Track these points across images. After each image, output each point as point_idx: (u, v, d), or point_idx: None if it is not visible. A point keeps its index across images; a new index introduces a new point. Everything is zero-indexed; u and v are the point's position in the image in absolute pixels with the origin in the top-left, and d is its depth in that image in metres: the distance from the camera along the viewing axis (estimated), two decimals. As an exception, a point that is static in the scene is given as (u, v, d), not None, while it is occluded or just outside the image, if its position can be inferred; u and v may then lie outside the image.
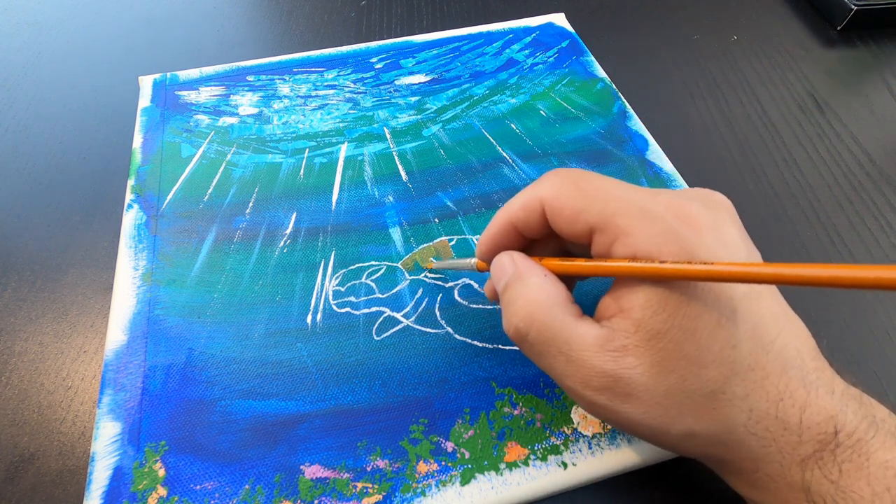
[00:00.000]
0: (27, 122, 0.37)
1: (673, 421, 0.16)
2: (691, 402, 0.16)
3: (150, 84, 0.37)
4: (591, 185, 0.18)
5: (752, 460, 0.16)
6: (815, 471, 0.16)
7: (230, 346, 0.25)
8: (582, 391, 0.17)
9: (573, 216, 0.18)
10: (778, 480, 0.16)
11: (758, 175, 0.33)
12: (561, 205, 0.18)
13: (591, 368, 0.17)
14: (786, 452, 0.16)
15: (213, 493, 0.21)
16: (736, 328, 0.16)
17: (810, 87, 0.37)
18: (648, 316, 0.16)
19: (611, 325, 0.17)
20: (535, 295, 0.18)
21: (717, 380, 0.16)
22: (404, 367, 0.24)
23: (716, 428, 0.16)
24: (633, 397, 0.16)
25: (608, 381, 0.16)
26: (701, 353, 0.16)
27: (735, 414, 0.16)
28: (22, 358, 0.26)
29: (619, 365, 0.16)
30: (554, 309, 0.18)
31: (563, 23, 0.41)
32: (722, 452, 0.17)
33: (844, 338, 0.26)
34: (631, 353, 0.16)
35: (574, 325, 0.17)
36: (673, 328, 0.16)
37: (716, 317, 0.16)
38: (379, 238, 0.29)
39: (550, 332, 0.17)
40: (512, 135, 0.34)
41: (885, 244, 0.29)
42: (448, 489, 0.21)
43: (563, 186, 0.18)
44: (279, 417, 0.23)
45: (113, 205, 0.32)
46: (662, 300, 0.16)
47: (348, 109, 0.35)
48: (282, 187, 0.31)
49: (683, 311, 0.16)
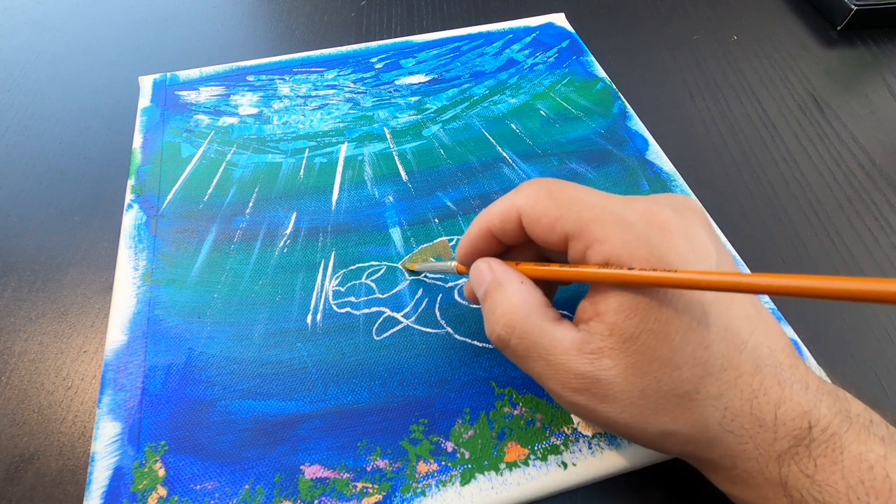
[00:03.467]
0: (27, 122, 0.37)
1: (649, 420, 0.17)
2: (666, 403, 0.17)
3: (150, 84, 0.37)
4: (566, 194, 0.18)
5: (730, 457, 0.17)
6: (791, 466, 0.16)
7: (230, 346, 0.25)
8: (562, 392, 0.18)
9: (549, 225, 0.18)
10: (756, 476, 0.16)
11: (758, 175, 0.33)
12: (538, 214, 0.19)
13: (570, 371, 0.17)
14: (762, 449, 0.16)
15: (213, 493, 0.21)
16: (708, 330, 0.17)
17: (810, 87, 0.37)
18: (621, 320, 0.17)
19: (588, 329, 0.18)
20: (513, 302, 0.19)
21: (690, 380, 0.16)
22: (404, 367, 0.24)
23: (692, 427, 0.17)
24: (610, 398, 0.17)
25: (586, 382, 0.17)
26: (674, 355, 0.16)
27: (710, 413, 0.17)
28: (22, 358, 0.26)
29: (595, 367, 0.17)
30: (531, 316, 0.18)
31: (563, 23, 0.41)
32: (700, 451, 0.17)
33: (844, 338, 0.26)
34: (606, 356, 0.17)
35: (552, 330, 0.18)
36: (645, 332, 0.16)
37: (687, 320, 0.16)
38: (379, 238, 0.29)
39: (530, 338, 0.18)
40: (512, 135, 0.34)
41: (885, 244, 0.29)
42: (448, 489, 0.21)
43: (538, 196, 0.19)
44: (279, 417, 0.23)
45: (113, 205, 0.32)
46: (633, 305, 0.17)
47: (348, 109, 0.35)
48: (282, 187, 0.31)
49: (654, 315, 0.16)
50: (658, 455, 0.22)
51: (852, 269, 0.28)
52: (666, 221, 0.18)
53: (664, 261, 0.16)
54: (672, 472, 0.22)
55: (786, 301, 0.19)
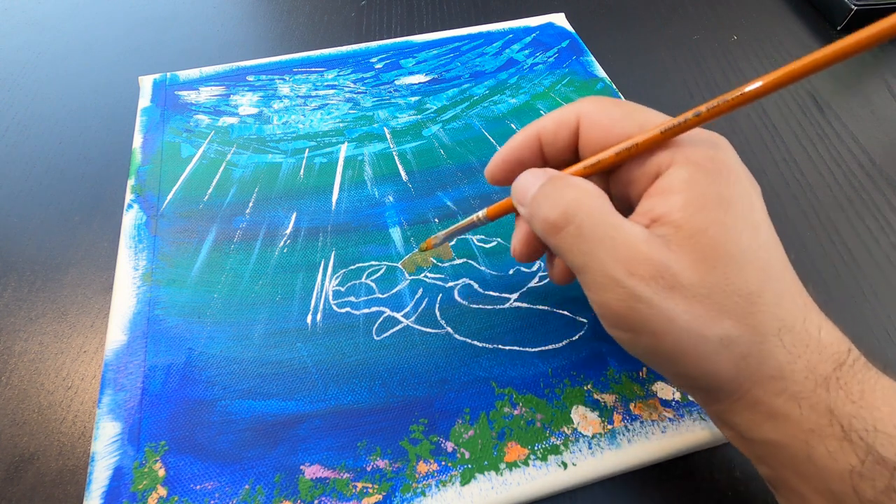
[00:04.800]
0: (27, 122, 0.37)
1: (713, 321, 0.16)
2: (731, 303, 0.16)
3: (150, 84, 0.37)
4: (626, 103, 0.19)
5: (780, 379, 0.16)
6: (837, 391, 0.16)
7: (230, 346, 0.25)
8: (626, 280, 0.16)
9: (611, 126, 0.18)
10: (802, 403, 0.16)
11: (758, 175, 0.32)
12: (601, 115, 0.19)
13: (640, 255, 0.16)
14: (810, 370, 0.16)
15: (213, 493, 0.21)
16: (770, 235, 0.17)
17: (810, 87, 0.37)
18: (690, 214, 0.16)
19: (654, 229, 0.17)
20: (582, 185, 0.18)
21: (755, 281, 0.16)
22: (404, 367, 0.24)
23: (751, 334, 0.16)
24: (678, 290, 0.16)
25: (656, 269, 0.16)
26: (741, 251, 0.16)
27: (769, 321, 0.16)
28: (22, 358, 0.26)
29: (667, 255, 0.16)
30: (602, 198, 0.18)
31: (563, 23, 0.41)
32: (752, 369, 0.16)
33: (844, 338, 0.26)
34: (677, 246, 0.16)
35: (621, 217, 0.17)
36: (713, 224, 0.16)
37: (751, 221, 0.17)
38: (379, 238, 0.29)
39: (599, 214, 0.17)
40: (512, 135, 0.33)
41: (885, 244, 0.29)
42: (448, 489, 0.21)
43: (603, 101, 0.19)
44: (279, 417, 0.23)
45: (113, 205, 0.32)
46: (703, 200, 0.16)
47: (348, 109, 0.35)
48: (282, 187, 0.31)
49: (725, 209, 0.16)
50: (658, 455, 0.22)
51: (852, 269, 0.28)
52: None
53: (725, 160, 0.17)
54: (672, 472, 0.22)
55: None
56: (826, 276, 0.28)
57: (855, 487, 0.15)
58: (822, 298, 0.18)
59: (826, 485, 0.15)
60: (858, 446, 0.15)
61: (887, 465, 0.14)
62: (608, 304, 0.17)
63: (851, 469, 0.15)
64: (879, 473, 0.14)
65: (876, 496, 0.14)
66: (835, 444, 0.15)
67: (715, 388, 0.17)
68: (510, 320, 0.26)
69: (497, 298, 0.27)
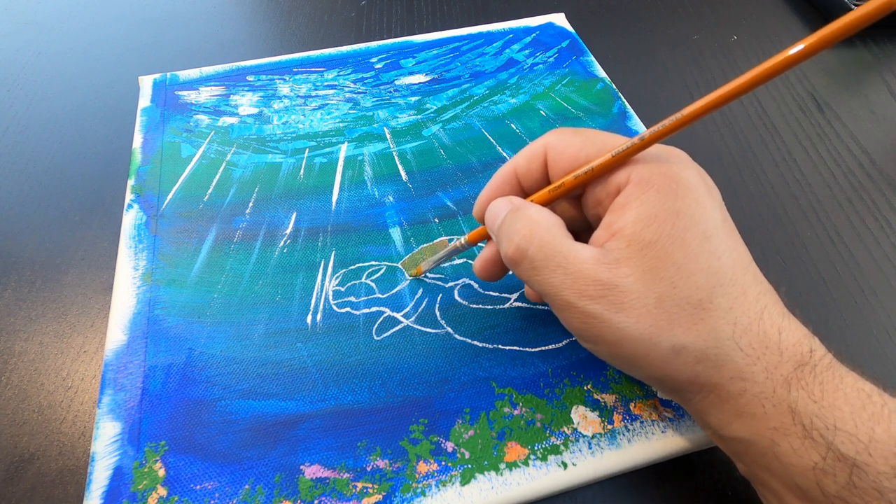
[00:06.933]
0: (27, 122, 0.37)
1: (662, 332, 0.17)
2: (681, 312, 0.17)
3: (150, 84, 0.37)
4: (587, 131, 0.21)
5: (740, 380, 0.17)
6: (798, 391, 0.16)
7: (230, 346, 0.25)
8: (578, 302, 0.18)
9: (575, 154, 0.20)
10: (765, 403, 0.16)
11: (758, 175, 0.33)
12: (564, 145, 0.20)
13: (588, 278, 0.18)
14: (770, 371, 0.16)
15: (213, 493, 0.21)
16: (720, 243, 0.18)
17: (810, 87, 0.37)
18: (640, 229, 0.17)
19: (605, 247, 0.18)
20: (535, 217, 0.19)
21: (704, 288, 0.17)
22: (404, 367, 0.24)
23: (704, 340, 0.17)
24: (627, 305, 0.17)
25: (603, 289, 0.17)
26: (689, 261, 0.17)
27: (722, 326, 0.17)
28: (22, 358, 0.26)
29: (613, 274, 0.17)
30: (553, 229, 0.19)
31: (563, 23, 0.41)
32: (709, 372, 0.17)
33: (844, 338, 0.26)
34: (625, 264, 0.17)
35: (571, 243, 0.19)
36: (662, 237, 0.17)
37: (702, 229, 0.17)
38: (379, 238, 0.29)
39: (550, 246, 0.18)
40: (512, 135, 0.34)
41: (885, 244, 0.29)
42: (448, 489, 0.21)
43: (564, 133, 0.21)
44: (279, 417, 0.23)
45: (113, 205, 0.32)
46: (653, 214, 0.17)
47: (348, 109, 0.35)
48: (282, 187, 0.31)
49: (672, 222, 0.17)
50: (658, 455, 0.22)
51: (852, 269, 0.28)
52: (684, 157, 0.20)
53: (677, 174, 0.18)
54: (672, 472, 0.22)
55: (787, 301, 0.19)
56: (826, 276, 0.28)
57: (819, 483, 0.15)
58: (822, 298, 0.18)
59: (793, 480, 0.16)
60: (820, 444, 0.15)
61: (847, 461, 0.15)
62: (568, 322, 0.19)
63: (814, 465, 0.16)
64: (840, 470, 0.15)
65: (838, 491, 0.15)
66: (798, 442, 0.16)
67: (679, 389, 0.18)
68: (510, 320, 0.26)
69: (497, 298, 0.27)
